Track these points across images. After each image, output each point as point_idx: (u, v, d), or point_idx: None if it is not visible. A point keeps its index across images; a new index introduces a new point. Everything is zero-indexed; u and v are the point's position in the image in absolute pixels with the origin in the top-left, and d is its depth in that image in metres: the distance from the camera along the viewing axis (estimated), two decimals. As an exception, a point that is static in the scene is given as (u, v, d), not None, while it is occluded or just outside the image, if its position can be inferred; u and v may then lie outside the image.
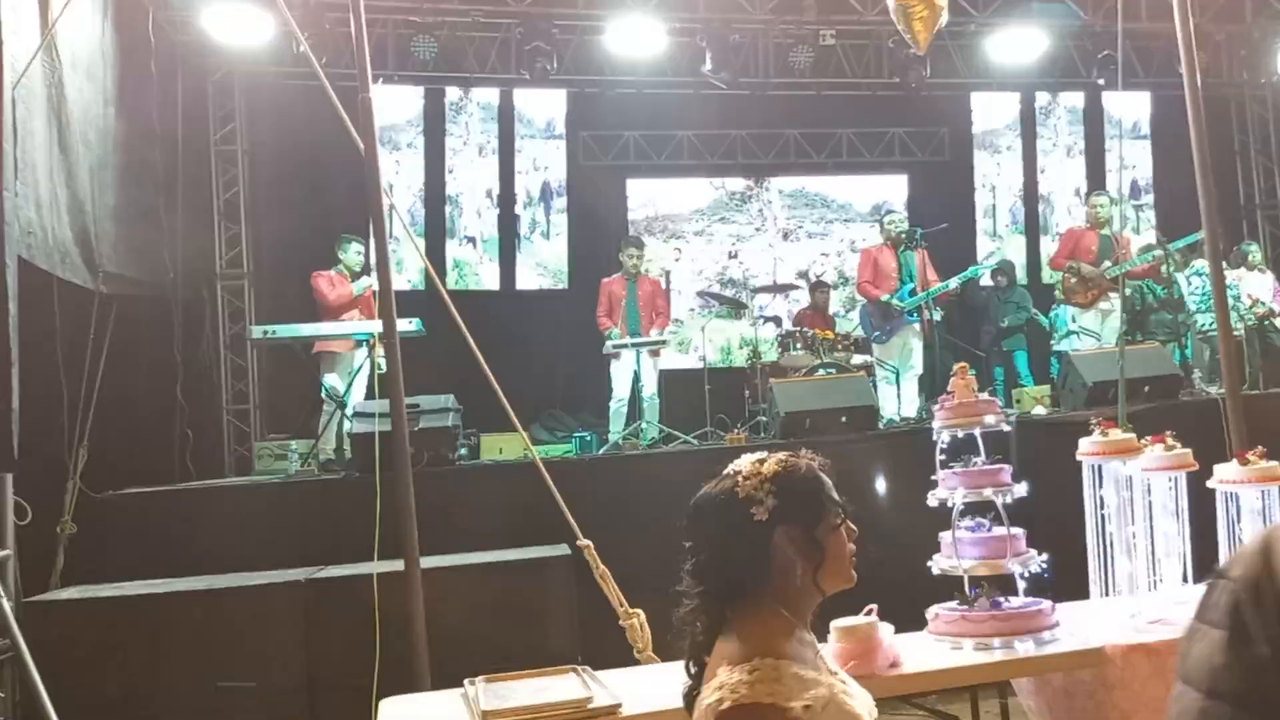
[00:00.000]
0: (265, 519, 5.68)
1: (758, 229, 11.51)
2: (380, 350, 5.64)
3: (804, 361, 8.01)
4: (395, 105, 10.01)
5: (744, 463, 1.86)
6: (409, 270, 9.74)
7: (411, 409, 5.22)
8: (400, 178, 10.11)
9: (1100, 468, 3.12)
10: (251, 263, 9.27)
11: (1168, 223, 10.49)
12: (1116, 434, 3.07)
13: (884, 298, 8.00)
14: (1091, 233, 8.46)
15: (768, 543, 1.78)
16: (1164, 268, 8.12)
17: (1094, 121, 11.43)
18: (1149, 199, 11.51)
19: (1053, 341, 9.21)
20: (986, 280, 10.08)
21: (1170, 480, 3.09)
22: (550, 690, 2.78)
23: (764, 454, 1.87)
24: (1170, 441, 3.10)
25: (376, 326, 6.10)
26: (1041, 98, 11.42)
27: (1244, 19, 10.16)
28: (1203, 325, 8.00)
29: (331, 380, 7.23)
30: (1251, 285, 8.30)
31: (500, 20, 9.09)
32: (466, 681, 2.90)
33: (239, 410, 9.01)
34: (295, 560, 5.07)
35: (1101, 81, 9.98)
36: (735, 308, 10.01)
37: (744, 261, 11.38)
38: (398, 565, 3.72)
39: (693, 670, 1.83)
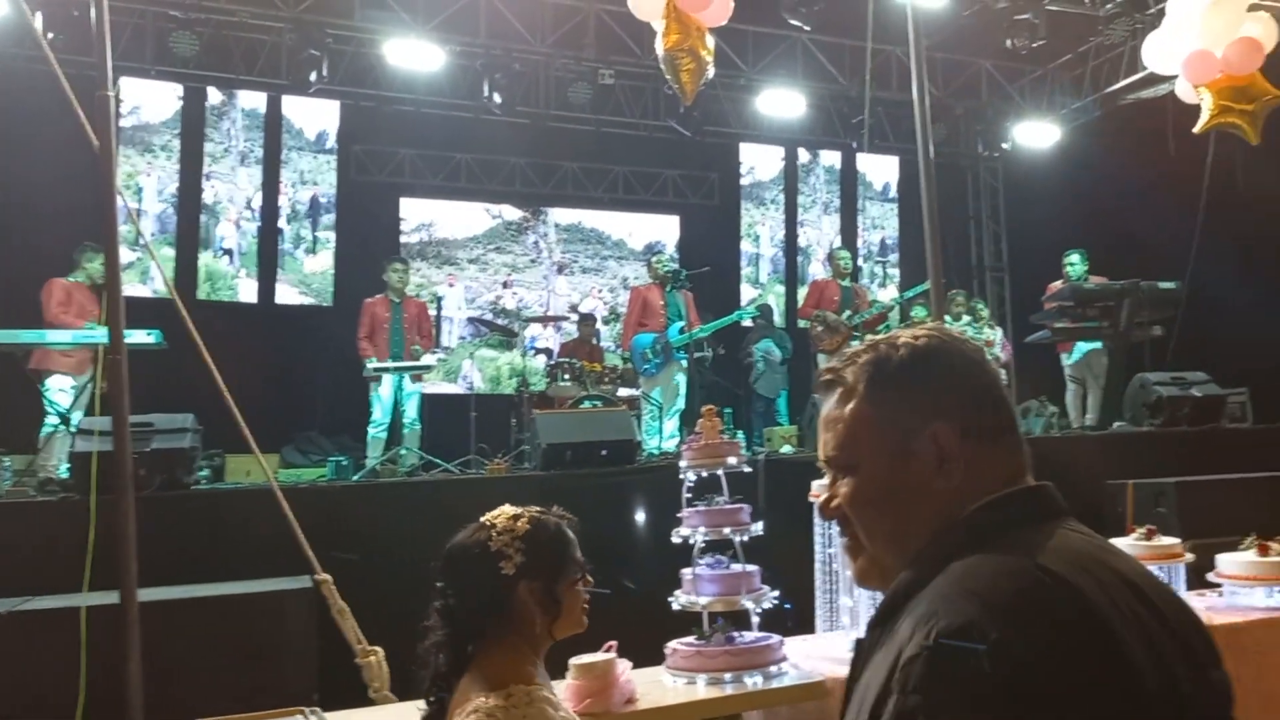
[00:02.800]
0: (-34, 544, 5.10)
1: (533, 260, 11.56)
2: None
3: (571, 392, 8.06)
4: (151, 103, 9.38)
5: (500, 516, 2.02)
6: (158, 278, 9.10)
7: (142, 427, 4.88)
8: (151, 181, 9.45)
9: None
10: (-30, 260, 8.42)
11: (911, 279, 11.36)
12: (846, 477, 3.25)
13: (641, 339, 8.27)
14: (834, 284, 9.04)
15: (512, 594, 1.95)
16: (895, 316, 8.83)
17: (849, 181, 12.25)
18: (894, 257, 12.41)
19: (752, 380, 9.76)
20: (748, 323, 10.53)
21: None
22: (273, 733, 2.63)
23: (520, 509, 2.04)
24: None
25: (104, 336, 5.65)
26: (804, 155, 12.13)
27: (980, 96, 11.20)
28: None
29: (59, 392, 6.64)
30: (986, 335, 9.30)
31: (270, 23, 8.72)
32: (181, 725, 2.71)
33: (-54, 422, 8.12)
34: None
35: (855, 144, 10.71)
36: (507, 336, 9.97)
37: (518, 292, 11.38)
38: (113, 597, 3.43)
39: (432, 700, 1.97)
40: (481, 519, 2.05)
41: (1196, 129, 5.54)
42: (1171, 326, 8.01)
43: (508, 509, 2.05)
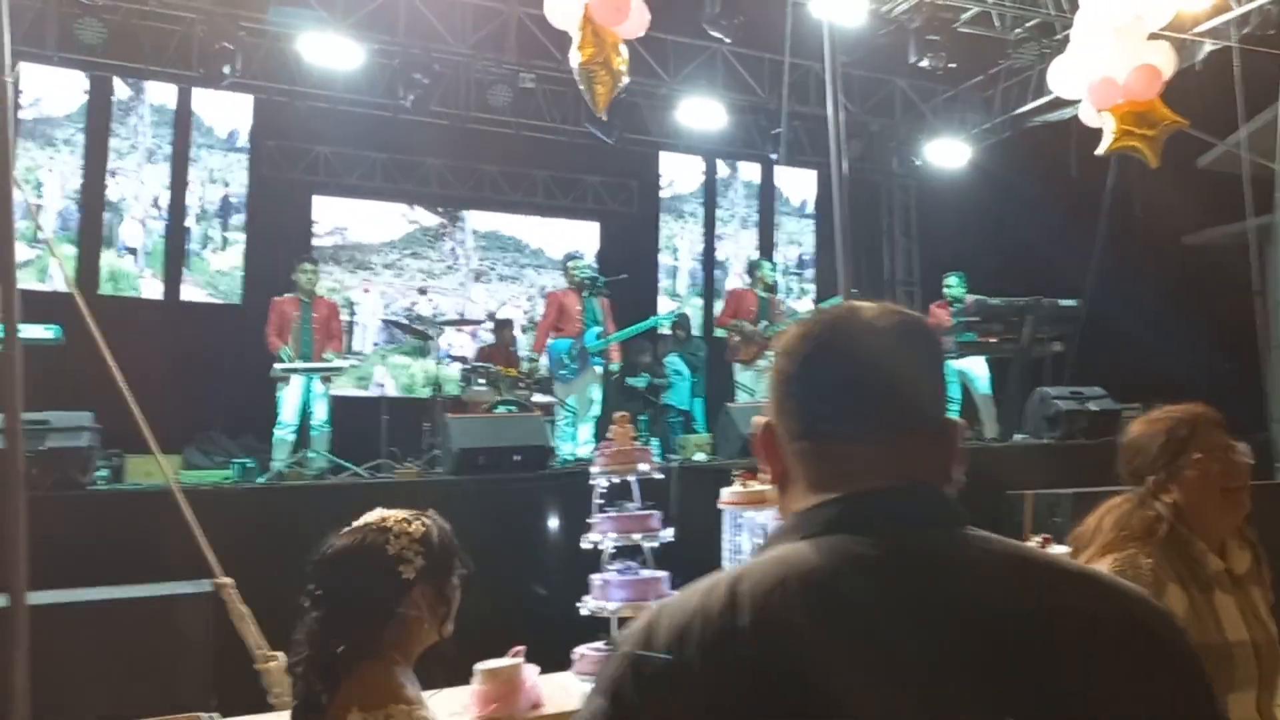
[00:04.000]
0: None
1: (450, 267, 11.43)
2: None
3: (486, 397, 7.99)
4: (54, 95, 9.05)
5: (389, 520, 1.95)
6: (59, 276, 8.78)
7: (37, 425, 4.71)
8: (53, 176, 9.11)
9: (738, 515, 3.34)
10: None
11: (826, 292, 11.56)
12: (754, 485, 3.31)
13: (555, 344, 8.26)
14: (751, 294, 9.13)
15: (406, 598, 1.90)
16: None
17: (767, 196, 12.40)
18: (810, 272, 12.62)
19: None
20: (665, 330, 10.58)
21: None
22: (166, 741, 2.57)
23: (400, 512, 1.98)
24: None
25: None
26: (723, 169, 12.25)
27: (895, 113, 11.46)
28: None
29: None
30: None
31: (181, 13, 8.48)
32: (70, 734, 2.62)
33: None
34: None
35: (774, 155, 10.86)
36: (422, 340, 9.85)
37: (434, 299, 11.25)
38: (0, 600, 3.30)
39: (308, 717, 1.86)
40: (364, 522, 1.97)
41: (1099, 151, 5.76)
42: (1071, 342, 8.30)
43: (387, 512, 1.98)
